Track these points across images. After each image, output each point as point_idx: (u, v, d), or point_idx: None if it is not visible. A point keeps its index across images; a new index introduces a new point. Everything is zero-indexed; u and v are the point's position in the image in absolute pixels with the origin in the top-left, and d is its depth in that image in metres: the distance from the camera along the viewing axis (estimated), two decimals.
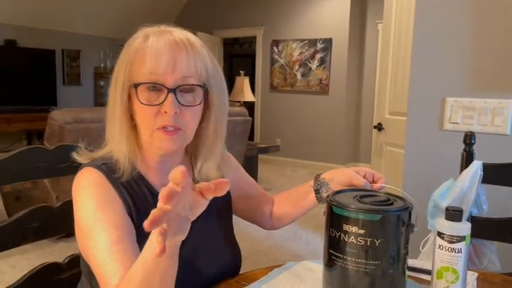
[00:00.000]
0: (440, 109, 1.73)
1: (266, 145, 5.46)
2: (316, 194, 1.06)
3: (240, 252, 1.04)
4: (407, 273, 0.90)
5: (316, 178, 1.06)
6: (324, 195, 1.04)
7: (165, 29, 0.90)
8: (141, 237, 0.79)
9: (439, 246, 0.88)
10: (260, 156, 5.48)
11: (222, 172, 1.01)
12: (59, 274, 1.09)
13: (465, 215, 1.24)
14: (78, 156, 0.94)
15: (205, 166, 0.98)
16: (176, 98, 0.85)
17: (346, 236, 0.84)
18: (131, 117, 0.90)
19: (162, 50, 0.85)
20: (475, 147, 1.31)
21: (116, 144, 0.90)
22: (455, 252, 0.86)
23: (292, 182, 5.59)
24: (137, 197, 0.90)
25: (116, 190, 0.88)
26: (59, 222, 1.09)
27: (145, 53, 0.85)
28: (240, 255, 1.03)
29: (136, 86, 0.86)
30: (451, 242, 0.86)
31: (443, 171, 1.41)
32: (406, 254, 0.87)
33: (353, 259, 0.83)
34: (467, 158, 1.29)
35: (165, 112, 0.85)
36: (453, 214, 0.87)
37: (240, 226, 1.30)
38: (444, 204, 1.25)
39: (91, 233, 0.82)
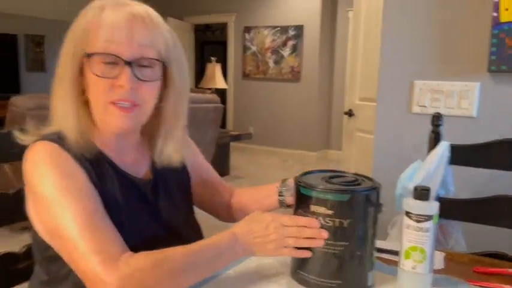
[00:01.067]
0: (408, 92, 1.73)
1: (238, 133, 5.43)
2: (279, 196, 1.03)
3: (203, 235, 1.02)
4: (376, 254, 0.89)
5: (283, 181, 1.04)
6: (287, 200, 1.02)
7: (123, 1, 0.84)
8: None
9: (407, 225, 0.87)
10: (232, 144, 5.45)
11: (183, 156, 0.98)
12: (15, 264, 1.03)
13: (432, 196, 1.24)
14: (24, 136, 0.87)
15: (166, 149, 0.94)
16: (133, 72, 0.81)
17: (314, 217, 0.82)
18: (82, 93, 0.84)
19: (119, 21, 0.80)
20: (442, 130, 1.32)
21: (65, 120, 0.84)
22: (422, 231, 0.85)
23: (264, 170, 5.59)
24: (100, 173, 0.85)
25: (77, 161, 0.82)
26: (16, 209, 1.03)
27: (101, 23, 0.80)
28: (202, 237, 1.01)
29: (89, 55, 0.81)
30: (418, 221, 0.85)
31: (412, 153, 1.42)
32: (374, 234, 0.87)
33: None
34: (435, 139, 1.29)
35: (121, 86, 0.80)
36: (421, 193, 0.87)
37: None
38: (412, 185, 1.25)
39: (59, 205, 0.76)
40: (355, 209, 0.82)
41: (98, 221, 0.78)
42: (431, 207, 0.86)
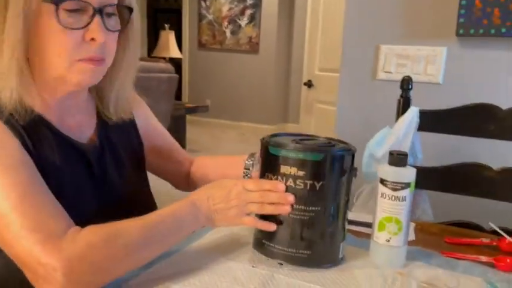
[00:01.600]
0: (373, 58, 1.65)
1: (194, 105, 5.24)
2: (245, 169, 0.93)
3: (157, 206, 0.90)
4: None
5: (251, 155, 0.94)
6: (253, 174, 0.92)
7: None
8: None
9: (382, 194, 0.78)
10: (188, 117, 5.26)
11: (133, 114, 0.89)
12: None
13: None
14: None
15: (120, 104, 0.85)
16: (103, 22, 0.70)
17: (284, 179, 0.74)
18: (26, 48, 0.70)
19: None
20: (411, 94, 1.25)
21: (4, 81, 0.69)
22: (399, 200, 0.77)
23: (221, 144, 5.47)
24: (37, 139, 0.72)
25: (9, 127, 0.69)
26: None
27: None
28: (152, 201, 0.90)
29: (58, 2, 0.67)
30: (394, 190, 0.77)
31: (378, 121, 1.34)
32: (348, 201, 0.79)
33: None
34: (404, 105, 1.22)
35: (92, 39, 0.70)
36: (398, 158, 0.78)
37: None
38: (380, 153, 1.18)
39: None
40: (328, 171, 0.75)
41: (34, 194, 0.65)
42: (409, 174, 0.78)
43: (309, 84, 3.47)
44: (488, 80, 1.49)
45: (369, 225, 0.96)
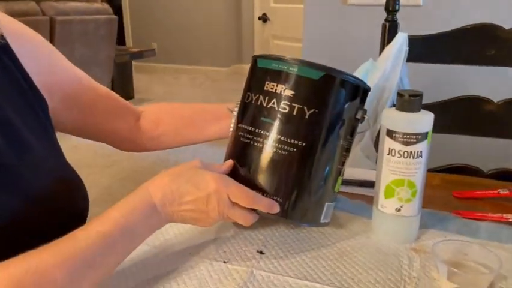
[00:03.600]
0: None
1: (140, 49, 4.81)
2: (234, 118, 0.70)
3: (85, 191, 0.65)
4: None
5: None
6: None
7: None
8: None
9: (390, 151, 0.58)
10: (134, 63, 4.83)
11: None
12: None
13: (387, 104, 0.98)
14: None
15: None
16: None
17: (266, 99, 0.58)
18: None
19: None
20: (398, 17, 1.03)
21: None
22: (413, 157, 0.58)
23: (174, 90, 5.13)
24: None
25: None
26: None
27: None
28: (81, 188, 0.65)
29: None
30: (407, 143, 0.57)
31: (356, 55, 1.12)
32: (347, 150, 0.61)
33: (267, 133, 0.57)
34: (390, 31, 1.01)
35: None
36: (411, 101, 0.58)
37: None
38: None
39: None
40: (325, 97, 0.57)
41: None
42: (425, 121, 0.58)
43: (263, 18, 3.18)
44: None
45: (366, 184, 0.78)
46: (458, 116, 1.02)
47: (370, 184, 0.80)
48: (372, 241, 0.62)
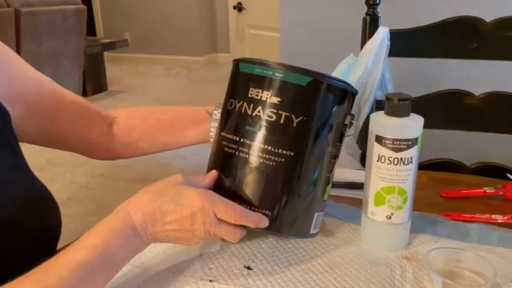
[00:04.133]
0: None
1: (112, 40, 4.66)
2: (213, 122, 0.68)
3: (51, 198, 0.60)
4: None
5: (220, 105, 0.68)
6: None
7: None
8: None
9: (379, 157, 0.56)
10: (106, 54, 4.70)
11: None
12: None
13: (370, 100, 0.96)
14: None
15: None
16: None
17: (251, 106, 0.55)
18: None
19: None
20: (378, 11, 1.00)
21: None
22: (403, 163, 0.55)
23: (148, 81, 5.02)
24: None
25: None
26: None
27: None
28: (51, 204, 0.60)
29: None
30: (397, 150, 0.55)
31: (333, 44, 1.10)
32: (336, 157, 0.58)
33: (252, 143, 0.54)
34: (371, 25, 0.98)
35: None
36: (400, 106, 0.55)
37: None
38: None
39: None
40: (314, 103, 0.54)
41: None
42: (415, 126, 0.56)
43: (238, 7, 3.12)
44: None
45: (352, 186, 0.76)
46: (440, 110, 1.01)
47: (356, 186, 0.79)
48: (362, 250, 0.60)
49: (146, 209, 0.50)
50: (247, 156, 0.54)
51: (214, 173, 0.56)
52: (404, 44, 0.98)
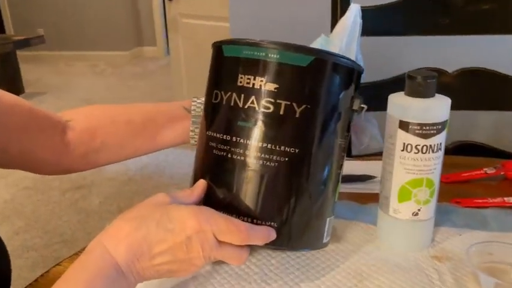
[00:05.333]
0: None
1: (24, 37, 4.22)
2: (193, 118, 0.59)
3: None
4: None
5: (195, 100, 0.60)
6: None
7: None
8: None
9: (405, 146, 0.48)
10: (20, 53, 4.24)
11: None
12: None
13: None
14: None
15: None
16: None
17: (242, 97, 0.45)
18: None
19: None
20: None
21: None
22: (432, 151, 0.48)
23: (72, 80, 4.64)
24: None
25: None
26: None
27: None
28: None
29: None
30: (426, 136, 0.48)
31: (303, 31, 1.01)
32: (345, 149, 0.50)
33: (248, 142, 0.44)
34: (343, 2, 0.91)
35: None
36: (426, 85, 0.48)
37: None
38: None
39: None
40: (318, 86, 0.45)
41: None
42: (444, 106, 0.49)
43: None
44: None
45: (350, 179, 0.68)
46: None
47: (356, 179, 0.71)
48: (385, 253, 0.52)
49: (129, 241, 0.39)
50: (242, 158, 0.44)
51: (202, 183, 0.46)
52: (374, 22, 0.92)
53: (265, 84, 0.44)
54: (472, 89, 0.94)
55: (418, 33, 0.93)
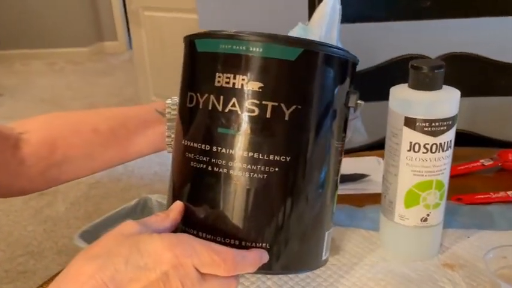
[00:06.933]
0: None
1: None
2: (169, 123, 0.51)
3: None
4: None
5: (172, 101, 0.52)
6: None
7: None
8: None
9: (412, 146, 0.43)
10: None
11: None
12: None
13: None
14: None
15: None
16: None
17: (221, 99, 0.38)
18: None
19: None
20: None
21: None
22: (443, 149, 0.43)
23: (29, 80, 4.41)
24: None
25: None
26: None
27: None
28: None
29: None
30: (436, 134, 0.42)
31: (278, 20, 0.95)
32: (341, 152, 0.43)
33: (231, 151, 0.38)
34: None
35: None
36: (433, 76, 0.42)
37: None
38: None
39: None
40: (309, 83, 0.39)
41: None
42: (454, 99, 0.44)
43: None
44: None
45: (343, 179, 0.63)
46: (395, 78, 0.92)
47: (347, 178, 0.66)
48: (392, 263, 0.47)
49: (94, 284, 0.31)
50: (225, 170, 0.37)
51: (179, 204, 0.38)
52: (354, 8, 0.87)
53: (247, 84, 0.37)
54: (456, 75, 0.90)
55: (398, 18, 0.89)
